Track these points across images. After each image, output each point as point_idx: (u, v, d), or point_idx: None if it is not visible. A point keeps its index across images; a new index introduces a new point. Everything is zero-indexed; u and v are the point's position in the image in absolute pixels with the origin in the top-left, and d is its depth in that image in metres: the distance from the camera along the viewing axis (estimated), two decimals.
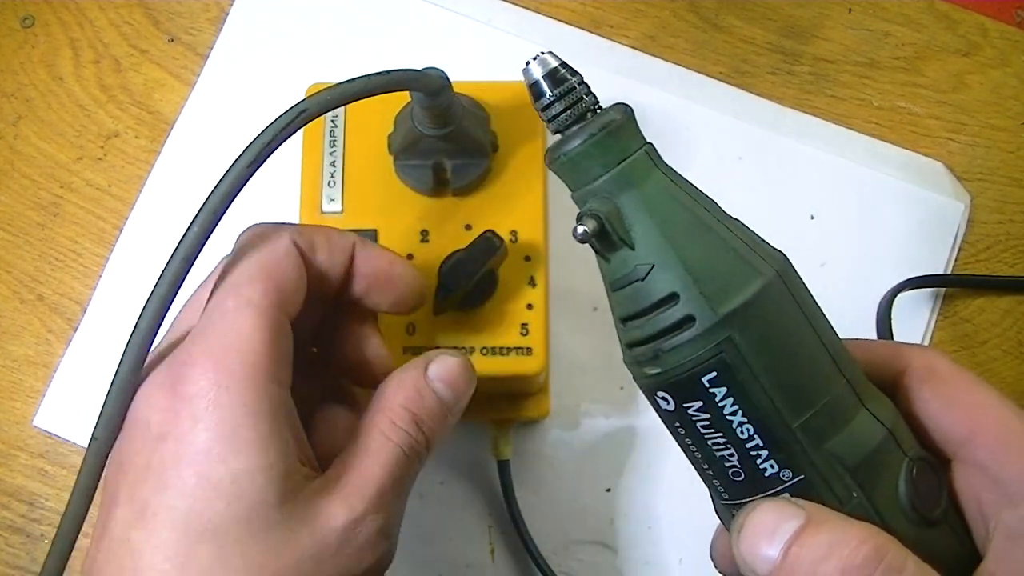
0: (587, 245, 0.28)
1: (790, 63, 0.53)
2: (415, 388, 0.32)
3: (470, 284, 0.38)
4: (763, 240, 0.28)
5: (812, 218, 0.50)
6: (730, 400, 0.26)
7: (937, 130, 0.52)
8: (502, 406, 0.45)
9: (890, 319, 0.48)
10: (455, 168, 0.40)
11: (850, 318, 0.49)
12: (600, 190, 0.28)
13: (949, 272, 0.50)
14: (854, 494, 0.27)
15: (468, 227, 0.40)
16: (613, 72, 0.51)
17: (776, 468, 0.27)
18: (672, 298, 0.27)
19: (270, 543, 0.27)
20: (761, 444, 0.27)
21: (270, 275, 0.29)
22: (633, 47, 0.52)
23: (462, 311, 0.39)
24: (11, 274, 0.50)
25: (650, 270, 0.27)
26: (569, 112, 0.28)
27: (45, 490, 0.48)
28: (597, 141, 0.27)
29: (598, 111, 0.28)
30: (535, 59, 0.28)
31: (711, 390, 0.26)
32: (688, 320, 0.26)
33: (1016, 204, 0.52)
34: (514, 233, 0.41)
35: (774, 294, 0.27)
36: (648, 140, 0.29)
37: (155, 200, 0.51)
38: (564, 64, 0.29)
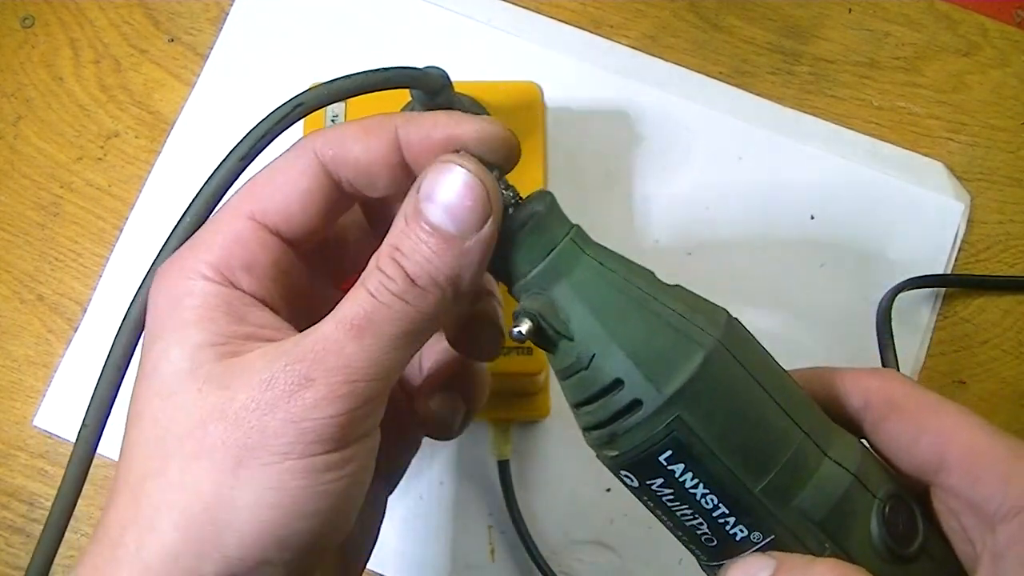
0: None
1: (790, 63, 0.53)
2: (403, 217, 0.26)
3: None
4: (704, 301, 0.28)
5: (812, 218, 0.50)
6: (689, 475, 0.27)
7: (937, 130, 0.52)
8: (502, 406, 0.45)
9: (890, 319, 0.48)
10: None
11: (850, 318, 0.49)
12: (532, 285, 0.28)
13: (949, 272, 0.50)
14: (826, 545, 0.27)
15: None
16: (613, 72, 0.51)
17: (746, 532, 0.27)
18: (617, 384, 0.27)
19: (181, 407, 0.26)
20: (727, 512, 0.27)
21: (263, 187, 0.29)
22: (633, 47, 0.52)
23: None
24: (11, 274, 0.50)
25: (592, 358, 0.27)
26: None
27: (45, 490, 0.48)
28: (519, 239, 0.27)
29: (519, 203, 0.28)
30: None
31: (669, 467, 0.27)
32: (636, 404, 0.26)
33: (1016, 204, 0.52)
34: None
35: (716, 364, 0.27)
36: (574, 223, 0.28)
37: (155, 200, 0.51)
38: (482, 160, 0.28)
